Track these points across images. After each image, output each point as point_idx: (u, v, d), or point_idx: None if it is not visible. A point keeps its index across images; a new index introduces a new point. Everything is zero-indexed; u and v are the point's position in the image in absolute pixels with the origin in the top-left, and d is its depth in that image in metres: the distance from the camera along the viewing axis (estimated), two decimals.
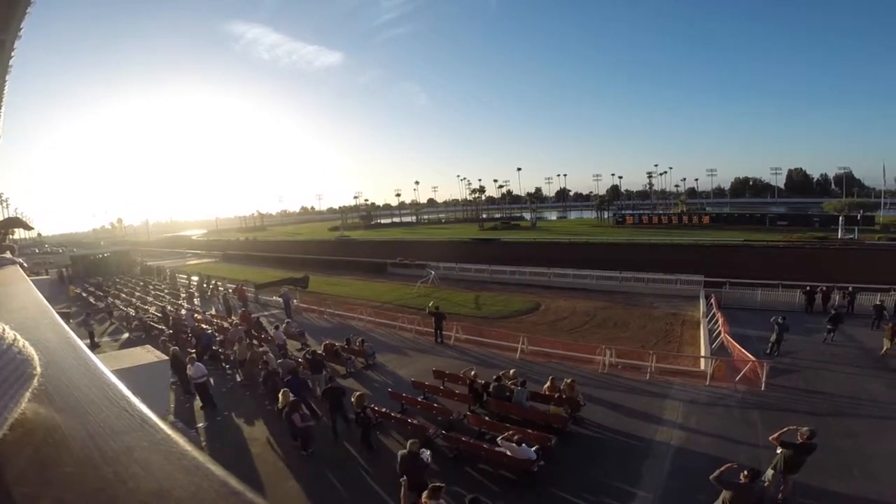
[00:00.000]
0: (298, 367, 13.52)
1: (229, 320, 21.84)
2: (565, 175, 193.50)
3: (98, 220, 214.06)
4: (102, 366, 0.90)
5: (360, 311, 23.36)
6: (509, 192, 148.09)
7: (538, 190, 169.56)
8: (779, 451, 7.79)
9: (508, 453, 8.60)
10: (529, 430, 9.88)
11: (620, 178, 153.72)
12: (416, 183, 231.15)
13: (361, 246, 65.97)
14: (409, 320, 21.02)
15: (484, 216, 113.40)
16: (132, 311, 24.76)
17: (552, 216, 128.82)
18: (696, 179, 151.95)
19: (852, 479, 8.65)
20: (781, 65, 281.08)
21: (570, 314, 24.42)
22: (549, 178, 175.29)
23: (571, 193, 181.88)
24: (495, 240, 66.72)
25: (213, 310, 25.95)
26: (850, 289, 22.97)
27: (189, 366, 13.18)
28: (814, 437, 7.74)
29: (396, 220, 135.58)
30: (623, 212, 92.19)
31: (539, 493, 8.40)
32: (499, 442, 8.97)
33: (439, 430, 9.16)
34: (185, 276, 40.51)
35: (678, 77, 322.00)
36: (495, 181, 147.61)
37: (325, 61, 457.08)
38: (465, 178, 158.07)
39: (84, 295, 33.70)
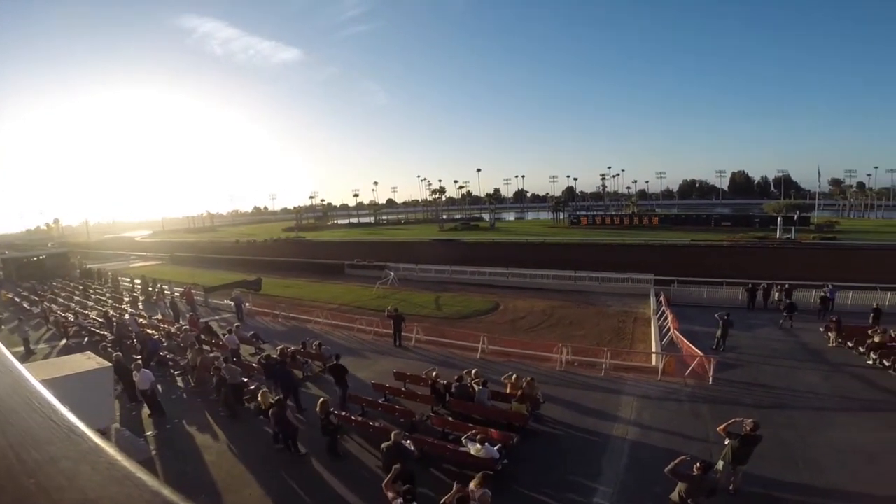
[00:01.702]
0: (253, 371, 13.12)
1: (177, 325, 20.91)
2: (523, 176, 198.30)
3: (30, 221, 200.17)
4: (27, 373, 0.82)
5: (316, 313, 22.87)
6: (469, 193, 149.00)
7: (497, 191, 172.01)
8: (727, 442, 8.15)
9: (472, 453, 8.62)
10: (492, 430, 9.93)
11: (576, 179, 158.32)
12: (375, 183, 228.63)
13: (317, 247, 64.73)
14: (368, 322, 20.72)
15: (444, 217, 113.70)
16: (71, 317, 23.29)
17: (510, 217, 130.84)
18: (647, 182, 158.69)
19: (797, 469, 9.07)
20: (726, 74, 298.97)
21: (528, 313, 24.81)
22: (507, 180, 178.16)
23: (529, 194, 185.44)
24: (455, 240, 67.05)
25: (160, 314, 24.80)
26: (787, 286, 24.45)
27: (135, 372, 12.65)
28: (758, 428, 8.11)
29: (354, 220, 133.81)
30: (578, 213, 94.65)
31: (503, 491, 8.41)
32: (463, 442, 8.98)
33: (402, 431, 9.07)
34: (129, 280, 38.49)
35: (631, 81, 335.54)
36: (455, 182, 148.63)
37: (282, 57, 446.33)
38: (425, 179, 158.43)
39: (17, 300, 31.49)
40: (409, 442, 8.51)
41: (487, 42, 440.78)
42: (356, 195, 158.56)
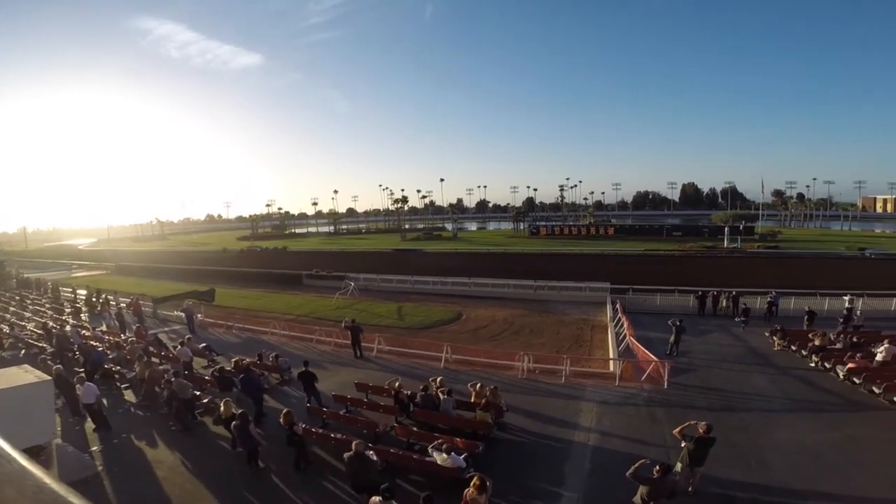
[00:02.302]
0: (207, 384, 12.57)
1: (123, 337, 19.82)
2: (485, 187, 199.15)
3: None
4: None
5: (272, 324, 22.19)
6: (432, 203, 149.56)
7: (460, 201, 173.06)
8: (683, 445, 8.36)
9: (439, 462, 8.50)
10: (457, 438, 9.85)
11: (535, 190, 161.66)
12: (335, 192, 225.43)
13: (274, 256, 63.15)
14: (327, 333, 20.25)
15: (406, 226, 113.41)
16: (6, 328, 21.66)
17: (472, 227, 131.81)
18: (603, 193, 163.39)
19: (749, 469, 9.36)
20: (677, 90, 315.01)
21: (490, 322, 24.93)
22: (470, 190, 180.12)
23: (491, 205, 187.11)
24: (418, 250, 66.87)
25: (105, 326, 23.43)
26: (734, 293, 25.61)
27: (78, 386, 12.02)
28: (711, 430, 8.36)
29: (313, 229, 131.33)
30: (537, 223, 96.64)
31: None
32: (429, 451, 8.84)
33: (366, 443, 8.85)
34: (71, 290, 36.22)
35: (589, 94, 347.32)
36: (418, 191, 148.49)
37: (242, 62, 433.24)
38: (387, 188, 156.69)
39: None
40: (371, 452, 8.29)
41: (453, 53, 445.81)
42: (315, 203, 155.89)
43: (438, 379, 12.61)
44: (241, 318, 24.06)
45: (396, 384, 12.20)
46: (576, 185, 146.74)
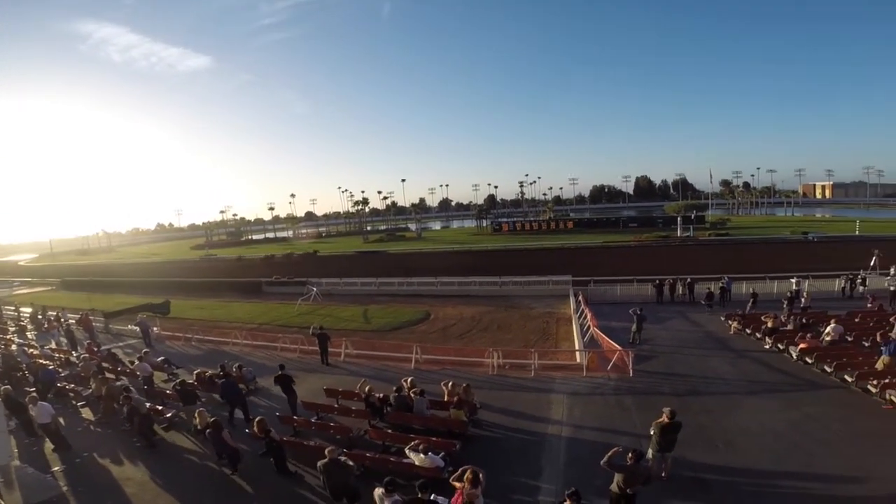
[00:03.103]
0: (169, 399, 12.08)
1: (75, 354, 18.82)
2: (447, 186, 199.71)
3: None
4: None
5: (234, 334, 21.47)
6: (394, 204, 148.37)
7: (422, 200, 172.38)
8: (652, 432, 8.54)
9: (417, 463, 8.38)
10: (433, 438, 9.78)
11: (496, 187, 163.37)
12: (292, 195, 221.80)
13: (231, 265, 61.23)
14: (292, 340, 19.81)
15: (368, 228, 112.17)
16: None
17: (436, 226, 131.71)
18: (561, 188, 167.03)
19: (717, 451, 9.60)
20: (627, 85, 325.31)
21: (458, 321, 24.98)
22: (432, 189, 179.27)
23: (454, 203, 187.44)
24: (381, 252, 66.27)
25: (53, 343, 22.09)
26: (689, 279, 26.59)
27: (31, 406, 11.58)
28: (675, 416, 8.51)
29: (270, 235, 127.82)
30: (499, 220, 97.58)
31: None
32: (406, 452, 8.70)
33: (340, 448, 8.64)
34: (14, 308, 33.94)
35: (545, 91, 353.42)
36: (379, 192, 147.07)
37: (190, 65, 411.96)
38: (346, 190, 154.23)
39: None
40: (345, 458, 8.10)
41: (411, 52, 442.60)
42: (271, 208, 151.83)
43: (409, 380, 12.48)
44: (199, 330, 23.17)
45: (367, 388, 11.99)
46: (535, 182, 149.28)
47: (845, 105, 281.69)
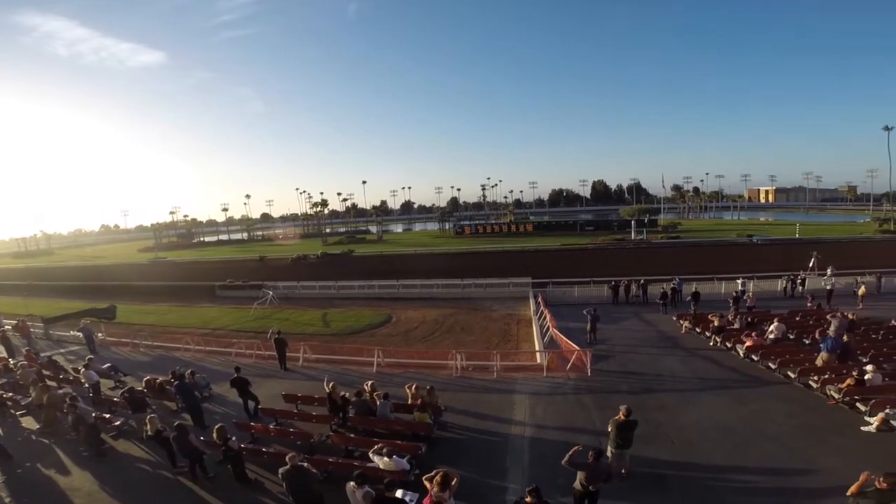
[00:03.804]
0: (117, 406, 11.52)
1: (12, 361, 17.69)
2: (410, 188, 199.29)
3: None
4: None
5: (185, 340, 20.66)
6: (354, 206, 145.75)
7: (384, 203, 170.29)
8: (610, 429, 8.74)
9: (382, 467, 8.25)
10: (398, 441, 9.69)
11: (459, 190, 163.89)
12: (247, 196, 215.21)
13: (182, 268, 58.85)
14: (248, 345, 19.22)
15: (328, 230, 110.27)
16: None
17: (398, 228, 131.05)
18: (521, 191, 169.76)
19: (673, 447, 9.84)
20: (584, 92, 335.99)
21: (420, 323, 24.91)
22: (394, 191, 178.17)
23: (416, 206, 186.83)
24: (341, 254, 65.31)
25: None
26: (643, 281, 27.53)
27: None
28: (630, 413, 8.73)
29: (224, 237, 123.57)
30: (462, 223, 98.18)
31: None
32: (370, 456, 8.56)
33: (301, 454, 8.42)
34: None
35: (507, 96, 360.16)
36: (339, 194, 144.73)
37: (142, 60, 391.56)
38: (304, 192, 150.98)
39: None
40: (308, 465, 7.92)
41: (377, 52, 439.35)
42: (225, 209, 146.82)
43: (370, 383, 12.32)
44: (148, 335, 22.13)
45: (331, 384, 11.79)
46: (496, 185, 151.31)
47: (788, 113, 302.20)
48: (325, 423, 11.51)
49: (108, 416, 12.38)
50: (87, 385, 14.43)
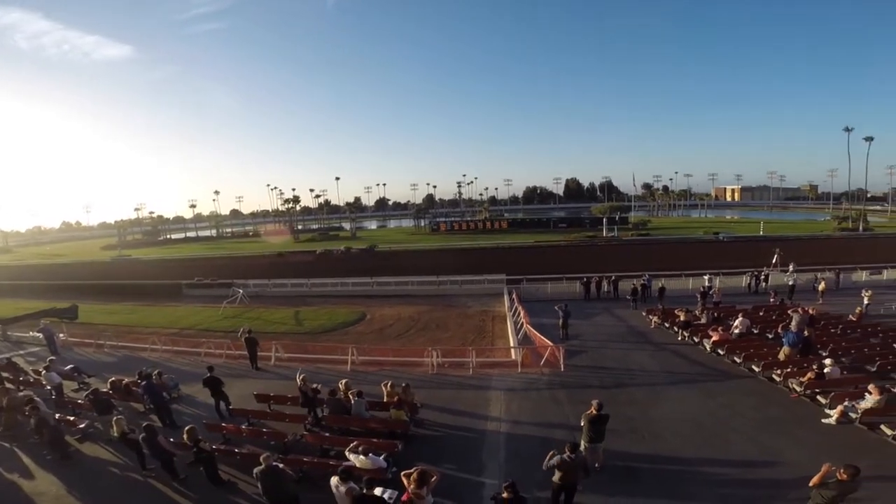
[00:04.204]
0: (82, 408, 11.15)
1: None
2: (384, 184, 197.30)
3: None
4: None
5: (151, 340, 20.03)
6: (327, 202, 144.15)
7: (357, 199, 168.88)
8: (582, 424, 8.90)
9: (358, 465, 8.17)
10: (374, 439, 9.65)
11: (435, 187, 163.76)
12: (216, 192, 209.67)
13: (148, 266, 57.16)
14: (217, 345, 18.75)
15: (300, 227, 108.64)
16: None
17: (372, 225, 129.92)
18: (497, 188, 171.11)
19: (644, 441, 10.04)
20: (557, 92, 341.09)
21: (395, 321, 24.80)
22: (368, 188, 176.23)
23: (391, 202, 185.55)
24: (313, 251, 64.44)
25: None
26: (614, 277, 28.06)
27: None
28: (602, 408, 8.90)
29: (192, 234, 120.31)
30: (437, 219, 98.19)
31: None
32: (346, 455, 8.48)
33: (276, 454, 8.29)
34: None
35: (482, 93, 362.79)
36: (311, 190, 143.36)
37: (107, 54, 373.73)
38: (276, 188, 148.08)
39: None
40: (283, 465, 7.83)
41: (355, 45, 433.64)
42: (193, 206, 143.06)
43: (345, 382, 12.21)
44: (113, 335, 21.39)
45: (302, 377, 11.68)
46: (472, 182, 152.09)
47: (754, 114, 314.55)
48: (299, 422, 11.36)
49: (72, 418, 11.96)
50: (48, 387, 13.88)
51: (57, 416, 11.72)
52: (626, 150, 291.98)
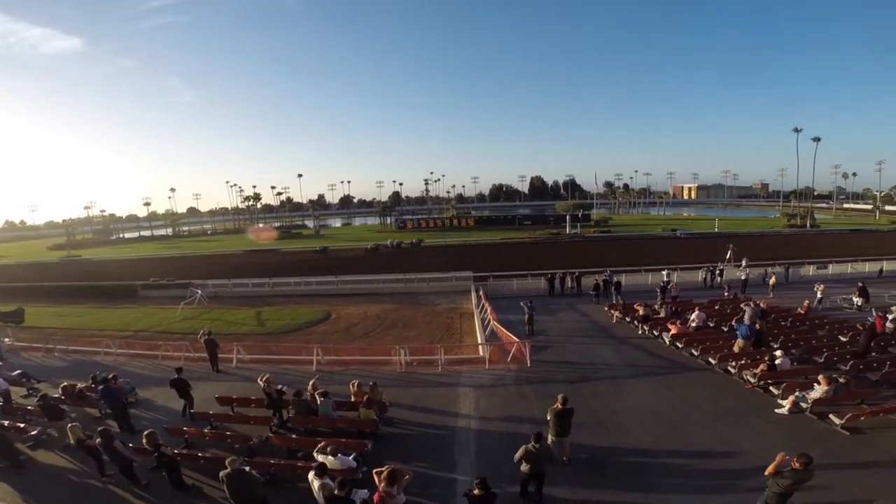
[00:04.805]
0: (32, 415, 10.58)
1: None
2: (349, 182, 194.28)
3: None
4: None
5: (105, 343, 19.18)
6: (289, 200, 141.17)
7: (321, 197, 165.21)
8: (549, 418, 9.05)
9: (328, 466, 8.08)
10: (343, 439, 9.54)
11: (401, 184, 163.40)
12: (172, 190, 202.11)
13: (100, 267, 54.51)
14: (176, 347, 18.14)
15: (261, 225, 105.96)
16: None
17: (337, 223, 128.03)
18: (464, 186, 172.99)
19: (608, 433, 10.32)
20: (524, 90, 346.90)
21: (361, 319, 24.56)
22: (332, 185, 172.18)
23: (356, 200, 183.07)
24: (275, 250, 63.04)
25: None
26: (577, 273, 28.64)
27: None
28: (567, 402, 9.08)
29: (146, 233, 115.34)
30: (404, 217, 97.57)
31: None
32: (315, 456, 8.35)
33: (242, 458, 8.09)
34: None
35: (449, 90, 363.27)
36: (273, 188, 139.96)
37: (57, 47, 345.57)
38: (235, 185, 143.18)
39: None
40: (250, 468, 7.66)
41: (315, 44, 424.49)
42: (147, 204, 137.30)
43: (313, 382, 12.02)
44: (63, 339, 20.33)
45: (265, 377, 11.43)
46: (439, 179, 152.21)
47: (710, 114, 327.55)
48: (264, 424, 11.15)
49: (22, 425, 11.44)
50: None
51: (6, 423, 11.24)
52: (589, 149, 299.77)
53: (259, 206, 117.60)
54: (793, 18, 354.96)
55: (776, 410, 11.05)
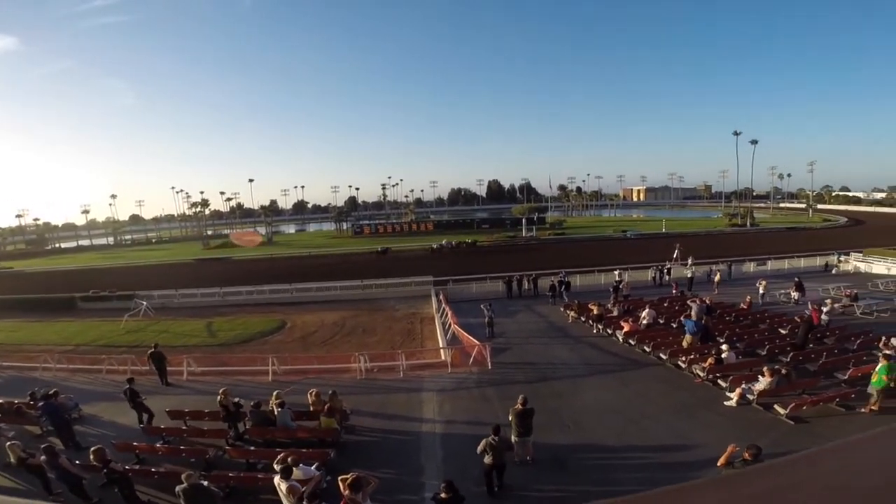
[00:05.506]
0: None
1: None
2: (303, 187, 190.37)
3: None
4: None
5: (43, 359, 17.99)
6: (240, 206, 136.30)
7: (273, 203, 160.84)
8: (511, 418, 9.18)
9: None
10: (304, 449, 9.31)
11: (358, 189, 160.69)
12: (113, 196, 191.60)
13: (33, 279, 51.18)
14: (121, 361, 17.24)
15: (210, 233, 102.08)
16: None
17: (290, 229, 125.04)
18: (423, 190, 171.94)
19: (569, 431, 10.50)
20: (476, 97, 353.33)
21: (318, 327, 24.04)
22: (285, 191, 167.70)
23: (310, 205, 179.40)
24: (225, 258, 60.93)
25: None
26: (534, 275, 29.20)
27: None
28: (527, 402, 9.23)
29: (85, 242, 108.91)
30: (361, 222, 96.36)
31: None
32: (275, 468, 8.12)
33: (198, 472, 7.75)
34: None
35: (406, 93, 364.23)
36: (222, 194, 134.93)
37: None
38: (182, 190, 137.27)
39: None
40: (206, 482, 7.38)
41: (269, 44, 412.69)
42: (86, 212, 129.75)
43: (276, 393, 11.68)
44: None
45: (223, 390, 11.03)
46: (397, 184, 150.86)
47: (657, 118, 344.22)
48: (220, 437, 10.78)
49: None
50: None
51: None
52: (543, 154, 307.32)
53: (207, 212, 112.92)
54: (734, 27, 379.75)
55: (725, 403, 11.51)
